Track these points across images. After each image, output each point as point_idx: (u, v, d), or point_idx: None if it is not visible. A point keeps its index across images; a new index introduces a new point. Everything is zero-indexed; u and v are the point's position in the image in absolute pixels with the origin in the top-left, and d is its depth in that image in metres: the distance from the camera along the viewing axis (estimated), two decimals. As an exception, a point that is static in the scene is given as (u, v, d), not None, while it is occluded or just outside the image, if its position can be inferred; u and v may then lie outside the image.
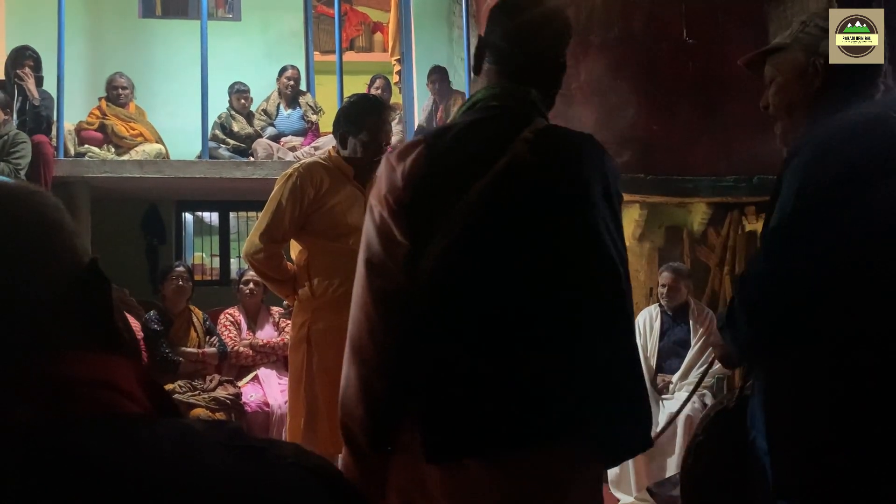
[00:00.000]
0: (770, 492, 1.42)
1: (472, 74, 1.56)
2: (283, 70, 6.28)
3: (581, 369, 1.36)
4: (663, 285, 4.48)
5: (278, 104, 6.21)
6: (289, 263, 2.98)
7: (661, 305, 4.50)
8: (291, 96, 6.19)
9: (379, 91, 5.96)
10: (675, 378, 4.35)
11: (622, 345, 1.43)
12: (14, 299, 0.58)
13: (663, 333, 4.49)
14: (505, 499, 1.36)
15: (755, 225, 5.06)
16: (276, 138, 5.97)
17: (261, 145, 5.80)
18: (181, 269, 4.66)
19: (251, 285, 4.67)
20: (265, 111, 6.19)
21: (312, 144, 5.82)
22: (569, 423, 1.37)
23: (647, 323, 4.48)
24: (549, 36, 1.49)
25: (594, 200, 1.40)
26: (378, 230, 1.43)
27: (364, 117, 2.84)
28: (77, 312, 0.61)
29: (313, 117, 6.14)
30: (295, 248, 2.96)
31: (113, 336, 0.63)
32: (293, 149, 5.82)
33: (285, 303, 4.06)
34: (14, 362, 0.56)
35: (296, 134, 6.04)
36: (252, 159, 5.72)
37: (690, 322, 4.43)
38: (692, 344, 4.38)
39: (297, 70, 6.35)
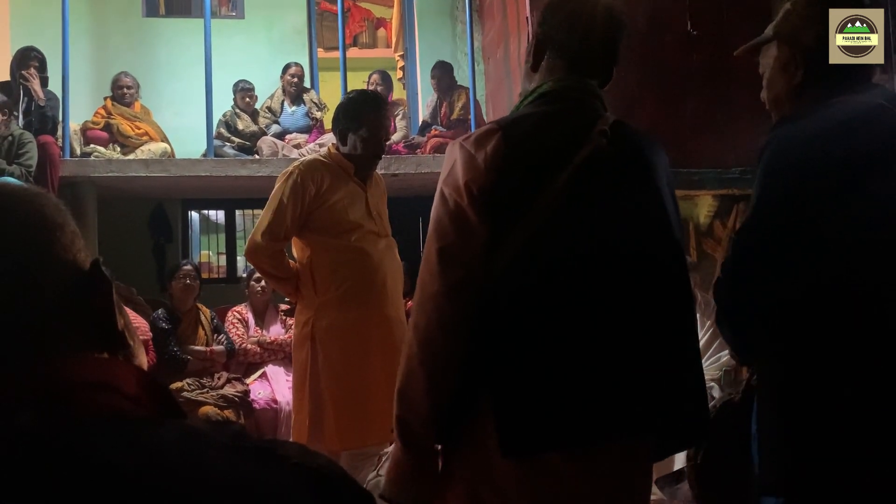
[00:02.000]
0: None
1: (530, 70, 1.56)
2: (287, 67, 6.27)
3: (659, 361, 1.38)
4: None
5: (282, 101, 6.21)
6: (291, 261, 2.98)
7: None
8: (295, 94, 6.19)
9: (376, 86, 5.94)
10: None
11: (692, 337, 1.48)
12: (15, 301, 0.58)
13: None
14: (583, 493, 1.35)
15: (762, 217, 5.04)
16: (280, 136, 5.97)
17: (266, 143, 5.81)
18: (188, 267, 4.68)
19: (262, 283, 4.67)
20: (269, 108, 6.19)
21: (317, 142, 5.83)
22: (649, 415, 1.38)
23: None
24: (612, 30, 1.52)
25: (666, 193, 1.47)
26: (453, 218, 1.39)
27: (363, 113, 2.83)
28: (79, 314, 0.61)
29: (318, 114, 6.14)
30: (297, 246, 2.97)
31: (115, 338, 0.63)
32: (298, 146, 5.82)
33: (287, 300, 4.06)
34: (14, 364, 0.56)
35: (300, 131, 6.04)
36: (257, 157, 5.73)
37: (698, 315, 4.42)
38: (699, 337, 4.38)
39: (301, 67, 6.34)
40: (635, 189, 1.44)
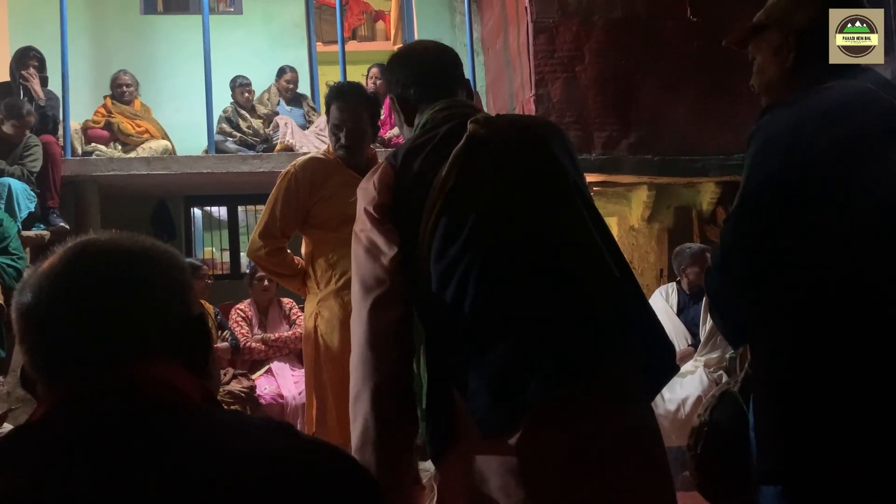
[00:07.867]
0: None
1: (405, 128, 1.69)
2: (282, 72, 6.33)
3: (591, 302, 1.40)
4: (696, 265, 4.32)
5: (279, 100, 6.27)
6: (296, 258, 2.99)
7: (678, 285, 4.45)
8: (291, 98, 6.24)
9: (374, 80, 5.95)
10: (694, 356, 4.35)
11: (623, 275, 1.47)
12: (143, 330, 0.84)
13: (680, 311, 4.42)
14: (570, 444, 1.34)
15: (764, 203, 5.03)
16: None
17: (282, 120, 5.86)
18: (204, 269, 4.74)
19: (266, 281, 4.68)
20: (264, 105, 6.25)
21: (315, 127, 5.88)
22: (599, 349, 1.39)
23: (662, 300, 4.41)
24: (446, 58, 1.66)
25: (556, 153, 1.50)
26: (365, 248, 1.49)
27: (327, 107, 2.90)
28: (183, 349, 0.86)
29: (314, 117, 6.17)
30: (304, 242, 2.98)
31: (203, 368, 0.89)
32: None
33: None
34: (122, 363, 0.81)
35: (300, 127, 6.07)
36: (260, 153, 5.74)
37: (704, 301, 4.40)
38: (706, 321, 4.37)
39: (296, 73, 6.39)
40: (522, 151, 1.49)
